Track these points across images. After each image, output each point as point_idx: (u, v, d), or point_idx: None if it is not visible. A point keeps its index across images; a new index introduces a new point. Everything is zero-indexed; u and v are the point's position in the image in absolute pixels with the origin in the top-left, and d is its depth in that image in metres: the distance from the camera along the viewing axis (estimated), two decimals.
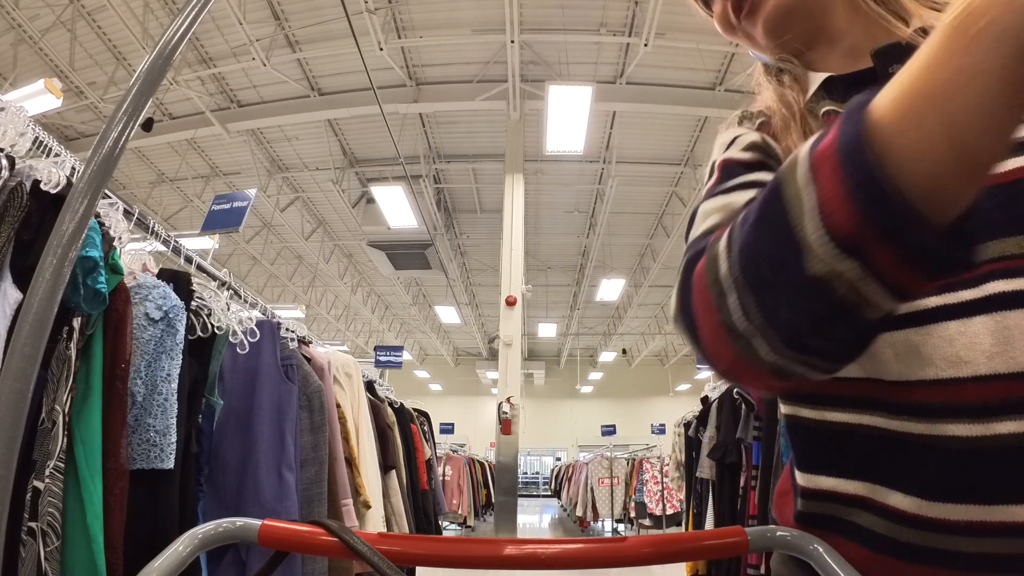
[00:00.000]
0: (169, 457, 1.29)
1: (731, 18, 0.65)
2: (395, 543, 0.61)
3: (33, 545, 1.03)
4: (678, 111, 7.91)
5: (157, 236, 1.67)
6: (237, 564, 1.63)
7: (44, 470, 1.06)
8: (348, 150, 9.36)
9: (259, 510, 1.67)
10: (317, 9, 6.64)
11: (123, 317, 1.24)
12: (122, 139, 0.75)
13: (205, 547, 0.59)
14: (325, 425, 2.01)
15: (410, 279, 14.20)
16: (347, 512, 2.09)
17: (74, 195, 0.73)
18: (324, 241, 12.20)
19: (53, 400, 1.10)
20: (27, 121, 1.23)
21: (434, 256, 9.76)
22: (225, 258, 12.02)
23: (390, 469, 2.75)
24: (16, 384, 0.66)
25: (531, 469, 23.08)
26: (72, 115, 7.92)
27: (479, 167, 9.60)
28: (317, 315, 15.28)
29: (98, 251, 1.15)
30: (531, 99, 7.55)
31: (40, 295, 0.69)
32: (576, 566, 0.61)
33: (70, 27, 6.66)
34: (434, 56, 7.54)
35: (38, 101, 5.72)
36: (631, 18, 6.83)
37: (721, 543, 0.60)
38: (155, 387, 1.30)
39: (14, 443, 0.65)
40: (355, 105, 7.84)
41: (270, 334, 1.92)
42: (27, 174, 1.15)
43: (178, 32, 0.81)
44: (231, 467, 1.73)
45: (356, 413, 2.42)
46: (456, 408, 21.09)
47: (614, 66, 7.60)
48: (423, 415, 4.16)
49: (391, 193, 8.05)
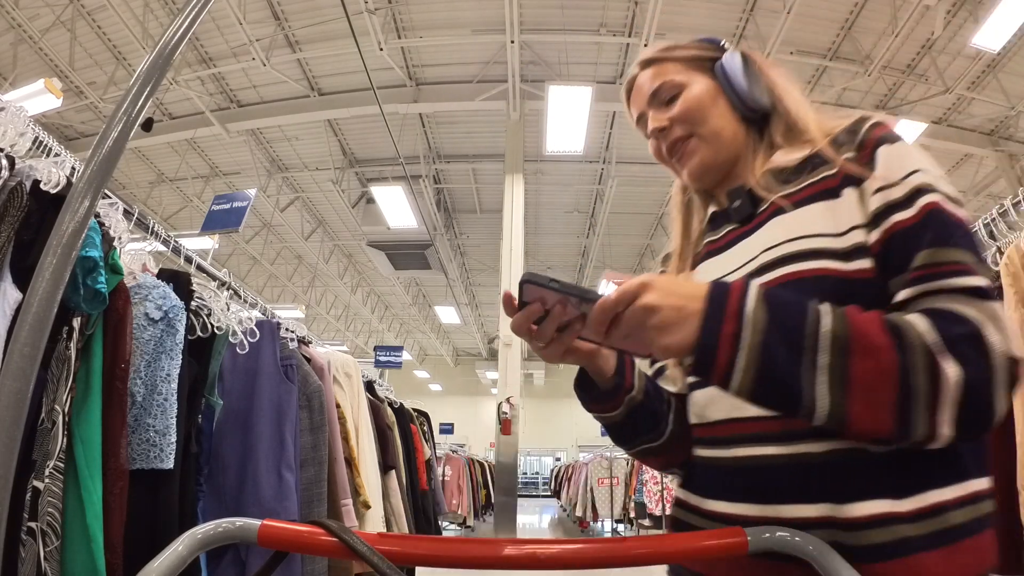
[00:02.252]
0: (169, 457, 1.28)
1: (663, 154, 0.83)
2: (395, 543, 0.61)
3: (33, 545, 1.03)
4: None
5: (157, 236, 1.67)
6: (237, 564, 1.63)
7: (44, 470, 1.06)
8: (348, 150, 9.36)
9: (259, 510, 1.67)
10: (317, 9, 6.64)
11: (123, 317, 1.24)
12: (122, 139, 0.75)
13: (205, 547, 0.59)
14: (325, 425, 2.01)
15: (410, 279, 14.20)
16: (347, 512, 2.09)
17: (74, 195, 0.73)
18: (324, 241, 12.20)
19: (53, 400, 1.10)
20: (27, 121, 1.23)
21: (434, 256, 9.76)
22: (225, 258, 12.01)
23: (390, 469, 2.75)
24: (16, 384, 0.66)
25: (531, 469, 23.07)
26: (72, 115, 7.92)
27: (479, 167, 9.60)
28: (317, 315, 15.27)
29: (98, 251, 1.15)
30: (531, 99, 7.55)
31: (40, 295, 0.69)
32: (576, 566, 0.61)
33: (70, 27, 6.66)
34: (434, 56, 7.54)
35: (38, 101, 5.72)
36: (631, 18, 6.83)
37: (720, 543, 0.60)
38: (155, 387, 1.30)
39: (14, 443, 0.65)
40: (355, 105, 7.84)
41: (270, 334, 1.92)
42: (27, 174, 1.15)
43: (178, 32, 0.81)
44: (231, 467, 1.73)
45: (356, 413, 2.42)
46: (456, 408, 21.09)
47: (614, 66, 7.60)
48: (423, 415, 4.16)
49: (391, 193, 8.05)
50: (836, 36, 6.88)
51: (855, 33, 6.77)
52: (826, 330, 0.54)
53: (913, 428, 0.54)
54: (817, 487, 0.61)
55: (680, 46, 0.84)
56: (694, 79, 0.80)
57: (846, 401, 0.53)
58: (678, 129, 0.80)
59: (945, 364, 0.53)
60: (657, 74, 0.82)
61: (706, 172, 0.80)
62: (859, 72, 7.10)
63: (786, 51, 6.85)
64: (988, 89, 7.33)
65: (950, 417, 0.53)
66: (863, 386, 0.53)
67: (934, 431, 0.53)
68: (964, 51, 6.69)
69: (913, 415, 0.53)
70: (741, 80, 0.78)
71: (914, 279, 0.59)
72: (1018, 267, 1.32)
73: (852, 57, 7.04)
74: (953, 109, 7.81)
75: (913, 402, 0.53)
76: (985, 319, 0.55)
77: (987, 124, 8.03)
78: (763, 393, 0.56)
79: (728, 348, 0.55)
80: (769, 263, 0.68)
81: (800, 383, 0.54)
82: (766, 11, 6.51)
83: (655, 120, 0.81)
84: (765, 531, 0.60)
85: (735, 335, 0.55)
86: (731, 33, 6.91)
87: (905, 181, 0.62)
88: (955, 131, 8.08)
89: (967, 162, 8.90)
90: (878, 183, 0.63)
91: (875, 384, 0.54)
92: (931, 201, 0.60)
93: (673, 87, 0.80)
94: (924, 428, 0.54)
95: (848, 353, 0.54)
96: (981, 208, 9.05)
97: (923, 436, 0.54)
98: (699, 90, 0.79)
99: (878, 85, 7.43)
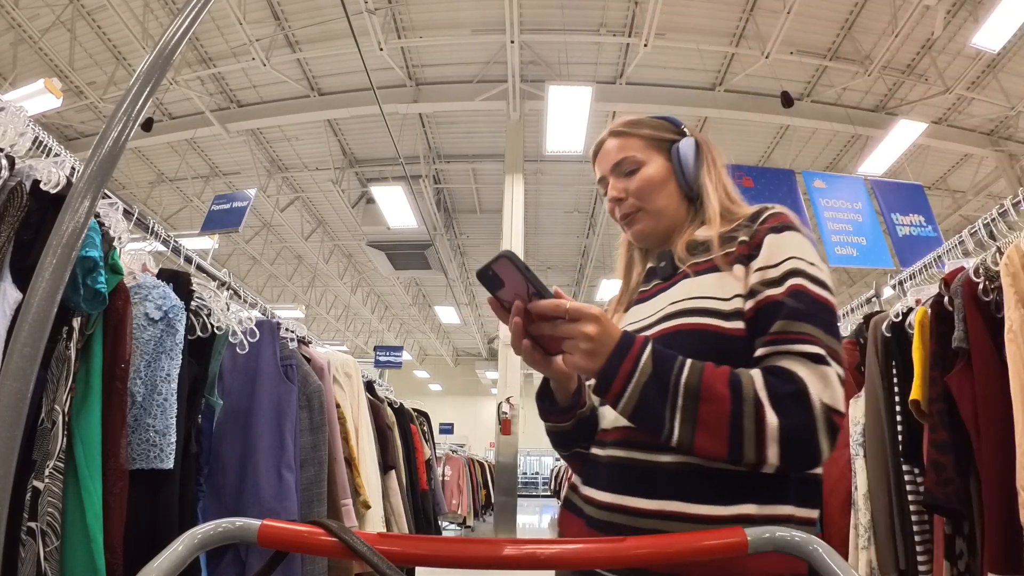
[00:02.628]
0: (169, 457, 1.28)
1: (615, 215, 1.02)
2: (394, 543, 0.61)
3: (32, 545, 1.03)
4: (678, 111, 7.81)
5: (157, 236, 1.67)
6: (237, 564, 1.63)
7: (44, 470, 1.06)
8: (348, 150, 9.36)
9: (258, 510, 1.67)
10: (317, 9, 6.64)
11: (123, 317, 1.24)
12: (122, 139, 0.75)
13: (204, 547, 0.59)
14: (325, 425, 2.01)
15: (410, 279, 14.19)
16: (347, 512, 2.09)
17: (74, 195, 0.73)
18: (324, 241, 12.19)
19: (53, 400, 1.10)
20: (27, 121, 1.23)
21: (434, 256, 9.76)
22: (225, 258, 12.01)
23: (390, 469, 2.75)
24: (16, 384, 0.66)
25: (531, 469, 23.05)
26: (72, 115, 7.92)
27: (479, 167, 9.60)
28: (317, 315, 15.27)
29: (98, 251, 1.15)
30: (531, 99, 7.54)
31: (40, 295, 0.69)
32: (576, 566, 0.61)
33: (70, 27, 6.66)
34: (434, 56, 7.54)
35: (38, 101, 5.72)
36: (631, 18, 6.83)
37: (720, 543, 0.60)
38: (155, 387, 1.30)
39: (14, 443, 0.65)
40: (355, 105, 7.84)
41: (270, 334, 1.92)
42: (27, 174, 1.15)
43: (178, 32, 0.81)
44: (231, 467, 1.73)
45: (356, 413, 2.42)
46: (456, 408, 21.08)
47: (614, 66, 7.60)
48: (423, 415, 4.16)
49: (391, 193, 8.04)
50: (836, 36, 6.88)
51: (855, 33, 6.77)
52: (684, 382, 0.74)
53: (744, 455, 0.71)
54: (662, 487, 0.78)
55: (645, 123, 1.00)
56: (652, 158, 0.97)
57: (693, 434, 0.72)
58: (630, 201, 0.97)
59: (768, 414, 0.71)
60: (622, 147, 0.99)
61: (646, 239, 1.00)
62: (859, 72, 7.10)
63: (786, 51, 6.85)
64: (988, 89, 7.33)
65: (775, 452, 0.70)
66: (705, 424, 0.72)
67: (763, 459, 0.71)
68: (964, 51, 6.69)
69: (743, 447, 0.71)
70: (691, 167, 0.95)
71: (769, 341, 0.77)
72: (1018, 267, 1.32)
73: (852, 57, 7.03)
74: (953, 109, 7.81)
75: (743, 438, 0.71)
76: (814, 379, 0.72)
77: (987, 124, 8.03)
78: (639, 419, 0.76)
79: (622, 381, 0.75)
80: (671, 314, 0.86)
81: (664, 416, 0.74)
82: (766, 11, 6.50)
83: (614, 189, 0.99)
84: (765, 531, 0.60)
85: (630, 373, 0.75)
86: (731, 33, 6.91)
87: (780, 265, 0.80)
88: (955, 131, 8.08)
89: (967, 162, 8.90)
90: (759, 264, 0.82)
91: (714, 423, 0.72)
92: (798, 283, 0.78)
93: (633, 163, 0.97)
94: (753, 456, 0.71)
95: (698, 400, 0.73)
96: (981, 208, 9.05)
97: (754, 461, 0.71)
98: (653, 171, 0.97)
99: (878, 85, 7.43)
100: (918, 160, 8.35)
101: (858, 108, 7.81)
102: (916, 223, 6.27)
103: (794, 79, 7.39)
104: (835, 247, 5.97)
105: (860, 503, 1.75)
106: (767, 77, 7.03)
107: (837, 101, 7.70)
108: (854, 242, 6.07)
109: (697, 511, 0.76)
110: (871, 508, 1.71)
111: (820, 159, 8.96)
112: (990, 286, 1.39)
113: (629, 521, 0.79)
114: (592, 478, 0.89)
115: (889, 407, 1.71)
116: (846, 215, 6.17)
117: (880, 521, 1.66)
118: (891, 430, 1.69)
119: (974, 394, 1.36)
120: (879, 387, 1.75)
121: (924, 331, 1.57)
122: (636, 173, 0.97)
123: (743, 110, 7.68)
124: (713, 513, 0.75)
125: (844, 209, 6.19)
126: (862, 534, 1.73)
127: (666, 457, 0.79)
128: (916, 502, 1.59)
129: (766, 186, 6.09)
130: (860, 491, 1.76)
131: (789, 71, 7.16)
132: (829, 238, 5.99)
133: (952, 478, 1.38)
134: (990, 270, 1.40)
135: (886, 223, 6.22)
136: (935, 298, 1.57)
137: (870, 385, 1.79)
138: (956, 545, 1.43)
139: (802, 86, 7.64)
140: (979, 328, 1.38)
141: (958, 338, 1.41)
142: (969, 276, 1.43)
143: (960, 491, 1.38)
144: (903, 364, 1.68)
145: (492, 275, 0.73)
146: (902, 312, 1.74)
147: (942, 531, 1.47)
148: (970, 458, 1.38)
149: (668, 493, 0.78)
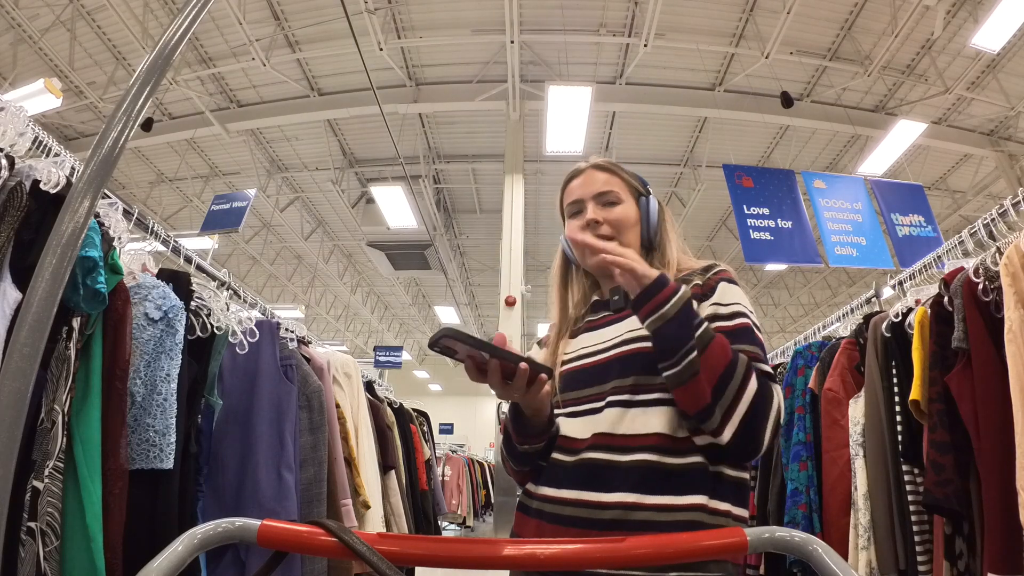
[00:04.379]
0: (168, 457, 1.28)
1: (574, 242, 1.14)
2: (394, 543, 0.61)
3: (32, 545, 1.03)
4: (677, 111, 7.90)
5: (157, 236, 1.67)
6: (236, 564, 1.63)
7: (43, 470, 1.06)
8: (348, 150, 9.35)
9: (258, 510, 1.67)
10: (317, 9, 6.63)
11: (123, 317, 1.24)
12: (122, 139, 0.75)
13: (204, 547, 0.59)
14: (324, 425, 2.01)
15: (409, 279, 14.19)
16: (346, 512, 2.09)
17: (74, 195, 0.73)
18: (323, 241, 12.19)
19: (52, 400, 1.10)
20: (27, 121, 1.23)
21: (433, 256, 9.75)
22: (224, 258, 12.01)
23: (389, 469, 2.75)
24: (16, 384, 0.66)
25: None
26: (72, 115, 7.92)
27: (479, 167, 9.59)
28: (316, 315, 15.26)
29: (98, 251, 1.15)
30: (531, 99, 7.54)
31: (40, 295, 0.69)
32: (575, 566, 0.61)
33: (70, 27, 6.65)
34: (434, 56, 7.54)
35: (38, 101, 5.71)
36: (631, 18, 6.83)
37: (720, 543, 0.60)
38: (154, 387, 1.30)
39: (13, 443, 0.65)
40: (355, 105, 7.83)
41: (269, 334, 1.92)
42: (27, 174, 1.15)
43: (178, 32, 0.81)
44: (230, 467, 1.73)
45: (355, 413, 2.42)
46: (455, 408, 21.07)
47: (614, 66, 7.59)
48: (422, 415, 4.16)
49: (391, 193, 8.04)
50: (836, 36, 6.88)
51: (855, 33, 6.77)
52: (704, 326, 0.90)
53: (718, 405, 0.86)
54: (620, 482, 0.90)
55: (625, 170, 1.16)
56: (629, 201, 1.12)
57: (699, 360, 0.87)
58: (607, 229, 1.09)
59: (752, 376, 0.88)
60: (608, 181, 1.12)
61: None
62: (859, 72, 7.09)
63: (786, 51, 6.85)
64: (988, 89, 7.33)
65: (734, 423, 0.86)
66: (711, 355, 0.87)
67: (722, 429, 0.86)
68: (964, 51, 6.69)
69: (724, 394, 0.86)
70: (655, 220, 1.12)
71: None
72: (1018, 267, 1.32)
73: (852, 57, 7.03)
74: (953, 109, 7.81)
75: (730, 382, 0.86)
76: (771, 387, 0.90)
77: (987, 124, 8.03)
78: (665, 333, 0.89)
79: (666, 295, 0.90)
80: (629, 339, 1.01)
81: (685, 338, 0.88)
82: (766, 11, 6.50)
83: (595, 212, 1.10)
84: (765, 531, 0.60)
85: (674, 291, 0.91)
86: (731, 33, 6.91)
87: (730, 306, 0.98)
88: (955, 131, 8.08)
89: (967, 162, 8.90)
90: (714, 301, 0.99)
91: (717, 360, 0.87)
92: (744, 321, 0.97)
93: (616, 197, 1.11)
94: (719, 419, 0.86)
95: (709, 342, 0.89)
96: (981, 208, 9.06)
97: (716, 426, 0.87)
98: (631, 211, 1.11)
99: (878, 85, 7.43)
100: (918, 160, 8.35)
101: (858, 108, 7.81)
102: (916, 223, 6.26)
103: (794, 79, 7.39)
104: (835, 247, 5.96)
105: (860, 503, 1.75)
106: (767, 77, 7.03)
107: (837, 101, 7.70)
108: (854, 242, 6.06)
109: (655, 501, 0.88)
110: (871, 508, 1.71)
111: (820, 159, 8.96)
112: (990, 286, 1.39)
113: (590, 514, 0.90)
114: (552, 479, 0.99)
115: (889, 407, 1.71)
116: (846, 215, 6.16)
117: (880, 521, 1.66)
118: (891, 430, 1.68)
119: (974, 394, 1.36)
120: (879, 387, 1.75)
121: (924, 331, 1.57)
122: (616, 207, 1.10)
123: (743, 110, 7.67)
124: (670, 502, 0.87)
125: (844, 209, 6.18)
126: (862, 534, 1.73)
127: (627, 457, 0.92)
128: (916, 502, 1.59)
129: (766, 186, 6.08)
130: (860, 491, 1.76)
131: (789, 71, 7.15)
132: (829, 238, 5.98)
133: (952, 478, 1.38)
134: (990, 270, 1.40)
135: (886, 223, 6.21)
136: (935, 298, 1.57)
137: (870, 385, 1.79)
138: (956, 545, 1.43)
139: (802, 86, 7.64)
140: (979, 328, 1.38)
141: (958, 338, 1.41)
142: (969, 276, 1.43)
143: (960, 491, 1.37)
144: (903, 364, 1.68)
145: (442, 348, 0.82)
146: (902, 312, 1.74)
147: (942, 531, 1.47)
148: (970, 458, 1.38)
149: (627, 487, 0.89)
